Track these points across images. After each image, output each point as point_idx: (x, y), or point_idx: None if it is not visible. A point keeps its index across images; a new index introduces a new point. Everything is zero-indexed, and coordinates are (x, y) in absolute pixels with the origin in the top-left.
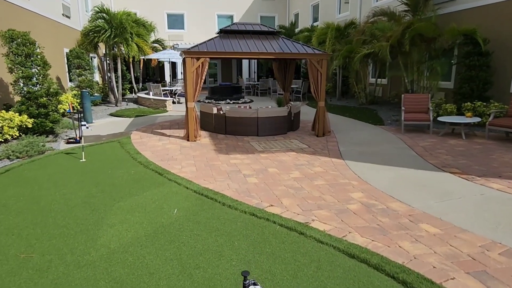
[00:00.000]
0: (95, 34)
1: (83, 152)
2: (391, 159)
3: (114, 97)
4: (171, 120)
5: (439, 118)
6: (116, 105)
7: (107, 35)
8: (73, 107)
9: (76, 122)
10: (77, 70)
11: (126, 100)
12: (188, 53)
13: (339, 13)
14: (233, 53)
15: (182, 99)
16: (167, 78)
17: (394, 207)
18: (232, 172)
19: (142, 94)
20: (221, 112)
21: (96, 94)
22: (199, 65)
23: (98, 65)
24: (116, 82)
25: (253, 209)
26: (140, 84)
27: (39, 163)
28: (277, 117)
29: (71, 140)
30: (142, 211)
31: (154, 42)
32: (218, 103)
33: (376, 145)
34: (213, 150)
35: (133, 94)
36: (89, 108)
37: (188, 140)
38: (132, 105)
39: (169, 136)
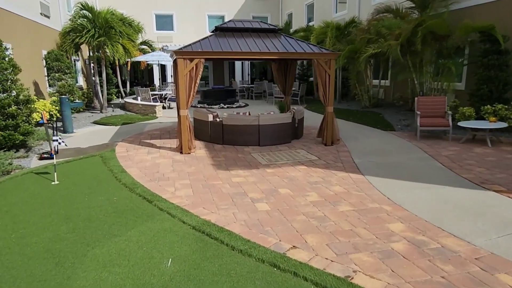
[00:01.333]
0: (76, 34)
1: (55, 173)
2: (417, 173)
3: (99, 103)
4: (161, 128)
5: (460, 123)
6: (101, 112)
7: (90, 34)
8: (51, 115)
9: (51, 132)
10: (57, 74)
11: (112, 106)
12: (180, 53)
13: (336, 12)
14: (231, 53)
15: (173, 104)
16: (156, 81)
17: (450, 245)
18: (237, 195)
19: (129, 99)
20: (218, 119)
21: (77, 101)
22: (193, 67)
23: (82, 69)
24: (101, 86)
25: (272, 256)
26: (128, 88)
27: (0, 187)
28: (281, 124)
29: (45, 156)
30: (125, 264)
31: (141, 43)
32: (211, 108)
33: (394, 155)
34: (211, 164)
35: (120, 99)
36: (69, 116)
37: (181, 152)
38: (118, 111)
39: (160, 147)
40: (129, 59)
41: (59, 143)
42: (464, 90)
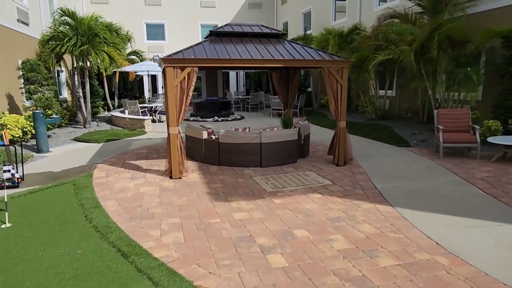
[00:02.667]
0: (56, 43)
1: (6, 213)
2: (458, 204)
3: (82, 117)
4: (149, 146)
5: (490, 139)
6: (85, 127)
7: (72, 43)
8: (25, 132)
9: (18, 154)
10: (32, 86)
11: (97, 120)
12: (170, 61)
13: (334, 20)
14: (229, 61)
15: (164, 117)
16: (147, 93)
17: None
18: (241, 241)
19: (116, 113)
20: (213, 136)
21: (54, 116)
22: (185, 77)
23: (67, 80)
24: (84, 99)
25: None
26: (116, 100)
27: None
28: (285, 142)
29: (6, 184)
30: None
31: (131, 53)
32: (205, 121)
33: (420, 178)
34: (206, 193)
35: (106, 113)
36: (43, 133)
37: (170, 177)
38: (104, 126)
39: (146, 170)
40: (116, 69)
41: (15, 182)
42: (481, 101)
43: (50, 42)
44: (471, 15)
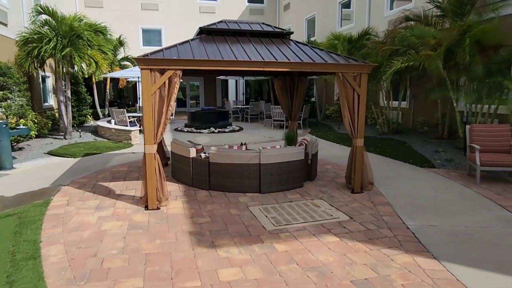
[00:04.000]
0: (33, 45)
1: None
2: None
3: (63, 127)
4: (131, 163)
5: None
6: (65, 138)
7: (52, 45)
8: None
9: None
10: (1, 93)
11: (79, 130)
12: (146, 61)
13: (341, 26)
14: (222, 64)
15: None
16: (139, 101)
17: None
18: None
19: (102, 122)
20: (203, 155)
21: (22, 127)
22: (165, 83)
23: (54, 87)
24: (66, 107)
25: None
26: (107, 109)
27: None
28: (290, 162)
29: None
30: None
31: (124, 59)
32: (200, 132)
33: (460, 212)
34: (188, 233)
35: (92, 122)
36: (6, 147)
37: (146, 207)
38: (88, 137)
39: (119, 196)
40: (104, 75)
41: None
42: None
43: (28, 45)
44: (504, 16)
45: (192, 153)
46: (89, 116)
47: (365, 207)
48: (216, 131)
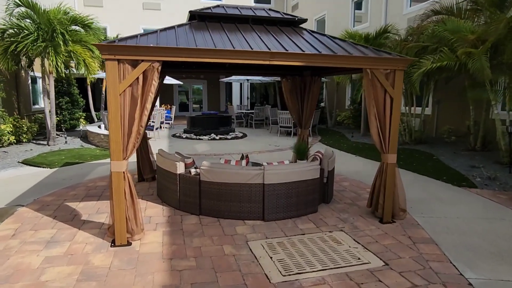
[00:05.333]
0: (11, 39)
1: None
2: None
3: (47, 132)
4: None
5: None
6: (48, 144)
7: (31, 40)
8: None
9: None
10: None
11: (66, 136)
12: (112, 49)
13: (353, 26)
14: (214, 54)
15: (151, 133)
16: None
17: None
18: None
19: (92, 127)
20: (193, 170)
21: None
22: (138, 79)
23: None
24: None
25: None
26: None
27: None
28: (302, 182)
29: None
30: None
31: None
32: (200, 139)
33: None
34: None
35: (81, 126)
36: None
37: (113, 243)
38: (75, 143)
39: (84, 222)
40: (97, 75)
41: None
42: None
43: (6, 39)
44: None
45: (180, 168)
46: (82, 120)
47: (402, 246)
48: (218, 137)
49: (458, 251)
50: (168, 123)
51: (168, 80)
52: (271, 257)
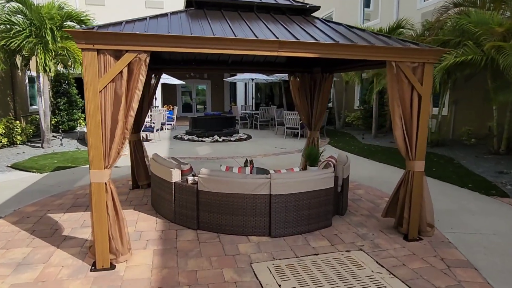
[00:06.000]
0: (2, 35)
1: None
2: None
3: (41, 134)
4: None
5: None
6: (42, 146)
7: (23, 35)
8: None
9: None
10: None
11: (61, 138)
12: (90, 37)
13: (363, 23)
14: (212, 43)
15: (151, 135)
16: None
17: None
18: None
19: None
20: (190, 179)
21: None
22: (122, 73)
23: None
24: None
25: None
26: None
27: None
28: (314, 192)
29: None
30: None
31: None
32: (202, 141)
33: None
34: None
35: (79, 128)
36: None
37: (93, 267)
38: (71, 146)
39: (65, 238)
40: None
41: None
42: None
43: None
44: None
45: (175, 176)
46: (82, 121)
47: (435, 271)
48: (221, 139)
49: (505, 279)
50: (170, 124)
51: (170, 80)
52: (279, 285)
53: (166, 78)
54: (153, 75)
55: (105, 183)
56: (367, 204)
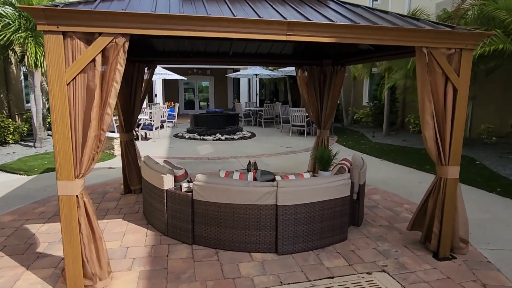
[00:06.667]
0: None
1: None
2: None
3: (34, 133)
4: (97, 185)
5: None
6: (34, 146)
7: (12, 29)
8: None
9: None
10: None
11: None
12: (52, 15)
13: None
14: (206, 23)
15: (150, 133)
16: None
17: None
18: None
19: None
20: (184, 186)
21: None
22: (95, 60)
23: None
24: (36, 108)
25: None
26: None
27: None
28: (327, 202)
29: None
30: None
31: None
32: (204, 139)
33: None
34: None
35: None
36: None
37: None
38: None
39: (38, 256)
40: None
41: None
42: None
43: None
44: None
45: (167, 182)
46: None
47: None
48: (223, 138)
49: None
50: (171, 122)
51: (171, 75)
52: None
53: (166, 74)
54: (146, 69)
55: (77, 196)
56: (385, 212)
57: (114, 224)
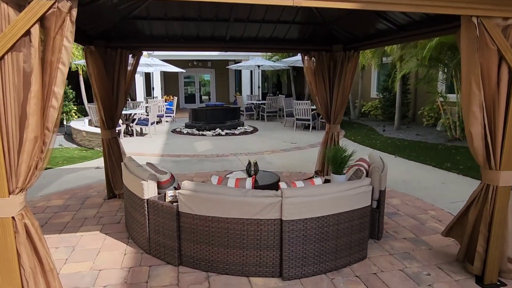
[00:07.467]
0: None
1: None
2: None
3: None
4: (78, 188)
5: None
6: None
7: None
8: None
9: None
10: None
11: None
12: None
13: None
14: None
15: (146, 128)
16: (140, 95)
17: None
18: None
19: (77, 123)
20: (170, 194)
21: None
22: (31, 33)
23: None
24: None
25: None
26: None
27: None
28: (343, 214)
29: None
30: None
31: None
32: (203, 134)
33: None
34: None
35: (65, 122)
36: None
37: None
38: (56, 142)
39: None
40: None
41: None
42: None
43: None
44: None
45: (148, 190)
46: (74, 114)
47: None
48: (223, 133)
49: None
50: (170, 116)
51: (170, 67)
52: None
53: (164, 66)
54: (130, 56)
55: (13, 218)
56: (408, 220)
57: (88, 239)
